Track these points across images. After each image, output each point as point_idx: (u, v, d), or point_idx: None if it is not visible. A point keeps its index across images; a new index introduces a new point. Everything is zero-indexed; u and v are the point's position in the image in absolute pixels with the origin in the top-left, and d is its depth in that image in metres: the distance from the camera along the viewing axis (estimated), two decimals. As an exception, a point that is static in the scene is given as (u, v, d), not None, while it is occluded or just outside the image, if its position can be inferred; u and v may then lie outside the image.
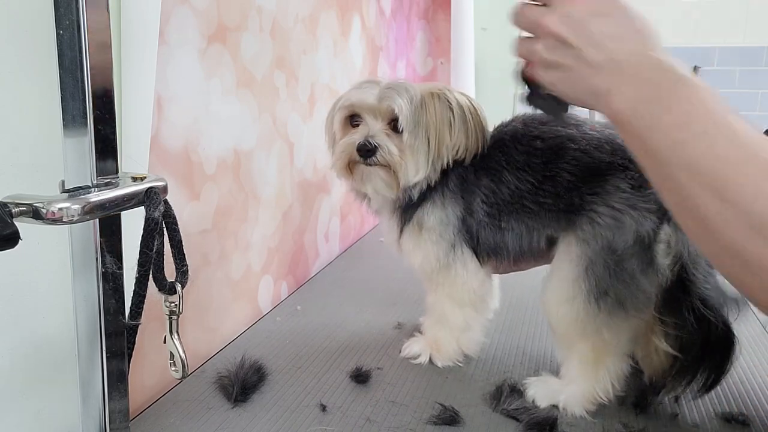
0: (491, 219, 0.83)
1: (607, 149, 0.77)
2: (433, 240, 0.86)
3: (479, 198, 0.84)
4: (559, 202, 0.79)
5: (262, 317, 1.07)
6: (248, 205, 1.03)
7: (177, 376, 0.64)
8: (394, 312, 1.09)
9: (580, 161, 0.78)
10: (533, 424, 0.74)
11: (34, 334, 0.64)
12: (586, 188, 0.77)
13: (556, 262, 0.80)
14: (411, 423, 0.75)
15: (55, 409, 0.66)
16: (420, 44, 2.01)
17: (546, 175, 0.80)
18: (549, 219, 0.80)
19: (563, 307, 0.77)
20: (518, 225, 0.82)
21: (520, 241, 0.83)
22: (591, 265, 0.74)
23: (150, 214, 0.57)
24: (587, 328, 0.76)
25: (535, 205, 0.81)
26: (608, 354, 0.77)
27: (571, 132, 0.80)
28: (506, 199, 0.82)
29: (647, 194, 0.74)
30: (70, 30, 0.51)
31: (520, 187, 0.81)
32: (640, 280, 0.74)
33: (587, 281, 0.74)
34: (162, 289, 0.61)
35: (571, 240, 0.78)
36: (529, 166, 0.81)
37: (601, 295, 0.74)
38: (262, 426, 0.74)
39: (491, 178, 0.83)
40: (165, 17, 0.77)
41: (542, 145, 0.81)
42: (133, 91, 0.70)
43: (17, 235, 0.46)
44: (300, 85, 1.18)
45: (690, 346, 0.73)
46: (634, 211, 0.74)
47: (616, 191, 0.75)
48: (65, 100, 0.53)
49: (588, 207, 0.76)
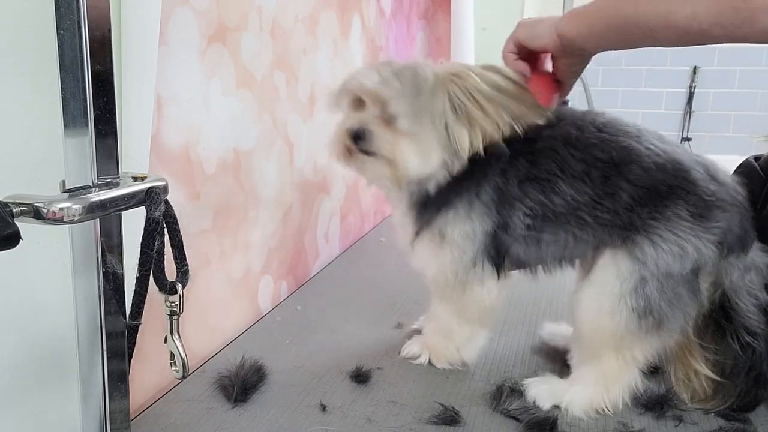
0: (530, 231, 0.78)
1: (670, 170, 0.74)
2: (455, 256, 0.80)
3: (521, 212, 0.77)
4: (617, 220, 0.75)
5: (262, 317, 1.07)
6: (248, 205, 1.03)
7: (178, 376, 0.64)
8: (394, 312, 1.09)
9: (641, 180, 0.74)
10: (533, 424, 0.74)
11: (34, 334, 0.64)
12: (646, 210, 0.74)
13: (599, 274, 0.77)
14: (411, 423, 0.75)
15: (56, 408, 0.66)
16: (420, 44, 2.01)
17: (606, 191, 0.75)
18: (602, 233, 0.76)
19: (603, 319, 0.75)
20: (565, 236, 0.77)
21: (562, 252, 0.79)
22: (642, 283, 0.73)
23: (151, 213, 0.57)
24: (622, 343, 0.76)
25: (591, 218, 0.76)
26: (630, 370, 0.77)
27: (633, 144, 0.76)
28: (559, 211, 0.76)
29: (709, 226, 0.73)
30: (71, 30, 0.51)
31: (577, 198, 0.76)
32: (687, 305, 0.74)
33: (635, 299, 0.73)
34: (163, 289, 0.61)
35: (622, 256, 0.75)
36: (588, 176, 0.75)
37: (645, 314, 0.73)
38: (263, 426, 0.74)
39: (542, 188, 0.77)
40: (165, 17, 0.77)
41: (603, 156, 0.75)
42: (133, 91, 0.70)
43: (18, 235, 0.46)
44: (300, 85, 1.18)
45: (737, 372, 0.75)
46: (698, 241, 0.73)
47: (677, 219, 0.73)
48: (66, 99, 0.52)
49: (650, 230, 0.74)
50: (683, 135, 3.56)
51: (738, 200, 0.76)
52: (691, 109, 3.53)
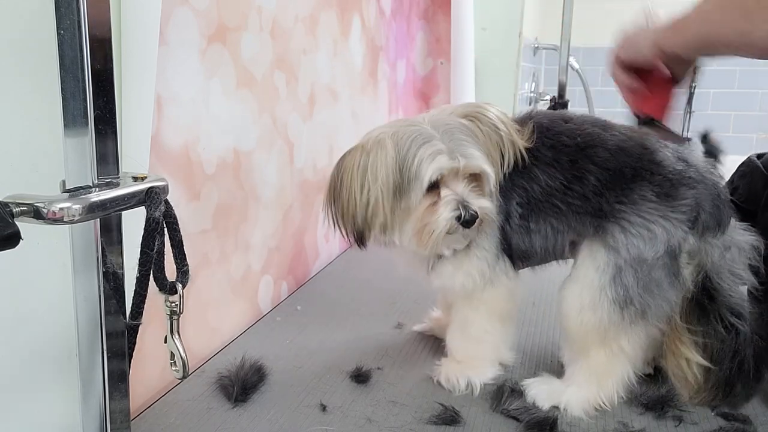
0: (522, 221, 0.80)
1: (635, 153, 0.76)
2: (479, 256, 0.81)
3: (515, 201, 0.80)
4: (587, 206, 0.77)
5: (262, 317, 1.07)
6: (248, 205, 1.03)
7: (178, 376, 0.64)
8: (395, 312, 1.09)
9: (607, 163, 0.76)
10: (533, 424, 0.74)
11: (34, 334, 0.64)
12: (612, 194, 0.75)
13: (579, 268, 0.78)
14: (411, 423, 0.75)
15: (56, 409, 0.66)
16: (420, 44, 2.01)
17: (574, 175, 0.77)
18: (575, 222, 0.78)
19: (586, 314, 0.76)
20: (544, 226, 0.80)
21: (545, 243, 0.81)
22: (619, 273, 0.74)
23: (151, 213, 0.56)
24: (607, 336, 0.76)
25: (564, 205, 0.78)
26: (620, 362, 0.77)
27: (596, 131, 0.79)
28: (537, 197, 0.79)
29: (676, 204, 0.74)
30: (71, 30, 0.51)
31: (550, 183, 0.78)
32: (668, 291, 0.74)
33: (614, 290, 0.74)
34: (163, 289, 0.61)
35: (597, 246, 0.76)
36: (557, 161, 0.78)
37: (627, 304, 0.74)
38: (263, 426, 0.74)
39: (521, 175, 0.79)
40: (165, 17, 0.77)
41: (570, 142, 0.78)
42: (133, 91, 0.70)
43: (18, 235, 0.46)
44: (300, 85, 1.18)
45: (722, 356, 0.74)
46: (666, 222, 0.73)
47: (643, 201, 0.74)
48: (66, 99, 0.52)
49: (618, 215, 0.75)
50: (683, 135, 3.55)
51: (707, 178, 0.76)
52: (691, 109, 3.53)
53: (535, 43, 2.64)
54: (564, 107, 2.18)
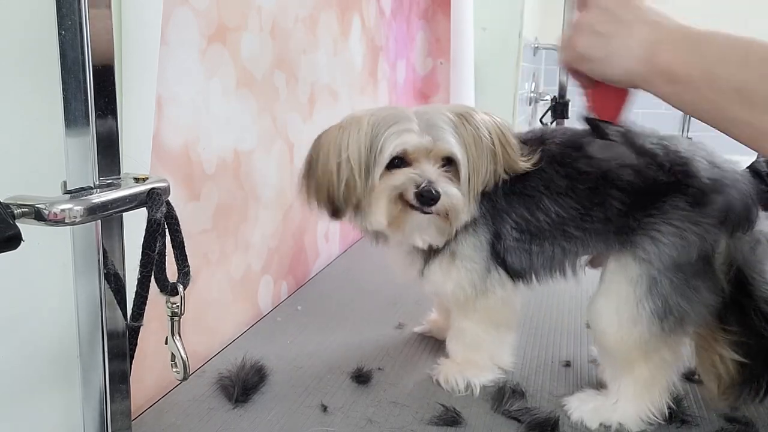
0: (520, 243, 0.79)
1: (666, 167, 0.73)
2: (468, 267, 0.80)
3: (509, 225, 0.78)
4: (610, 226, 0.75)
5: (262, 317, 1.07)
6: (248, 205, 1.03)
7: (178, 377, 0.64)
8: (395, 312, 1.09)
9: (633, 184, 0.73)
10: (535, 425, 0.74)
11: (35, 335, 0.64)
12: (640, 213, 0.73)
13: (610, 283, 0.76)
14: (412, 424, 0.75)
15: (57, 409, 0.66)
16: (420, 44, 2.01)
17: (594, 202, 0.75)
18: (595, 241, 0.77)
19: (625, 330, 0.74)
20: (551, 248, 0.78)
21: (551, 264, 0.80)
22: (655, 284, 0.72)
23: (152, 215, 0.56)
24: (649, 348, 0.74)
25: (579, 231, 0.76)
26: (664, 372, 0.76)
27: (622, 152, 0.75)
28: (542, 227, 0.77)
29: (707, 210, 0.71)
30: (72, 31, 0.51)
31: (562, 214, 0.76)
32: (705, 295, 0.73)
33: (652, 301, 0.72)
34: (164, 290, 0.61)
35: (627, 260, 0.74)
36: (573, 191, 0.76)
37: (666, 314, 0.72)
38: (264, 426, 0.74)
39: (526, 204, 0.77)
40: (165, 17, 0.77)
41: (588, 168, 0.75)
42: (134, 91, 0.69)
43: (19, 237, 0.45)
44: (300, 85, 1.18)
45: (758, 350, 0.73)
46: (697, 227, 0.71)
47: (675, 210, 0.72)
48: (67, 100, 0.52)
49: (648, 227, 0.73)
50: (683, 135, 3.56)
51: (737, 179, 0.74)
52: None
53: (535, 43, 2.64)
54: (564, 107, 2.18)
